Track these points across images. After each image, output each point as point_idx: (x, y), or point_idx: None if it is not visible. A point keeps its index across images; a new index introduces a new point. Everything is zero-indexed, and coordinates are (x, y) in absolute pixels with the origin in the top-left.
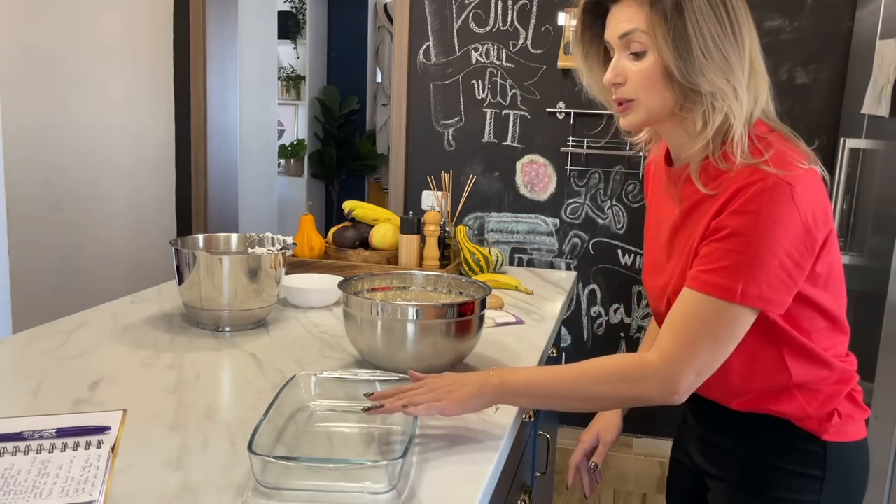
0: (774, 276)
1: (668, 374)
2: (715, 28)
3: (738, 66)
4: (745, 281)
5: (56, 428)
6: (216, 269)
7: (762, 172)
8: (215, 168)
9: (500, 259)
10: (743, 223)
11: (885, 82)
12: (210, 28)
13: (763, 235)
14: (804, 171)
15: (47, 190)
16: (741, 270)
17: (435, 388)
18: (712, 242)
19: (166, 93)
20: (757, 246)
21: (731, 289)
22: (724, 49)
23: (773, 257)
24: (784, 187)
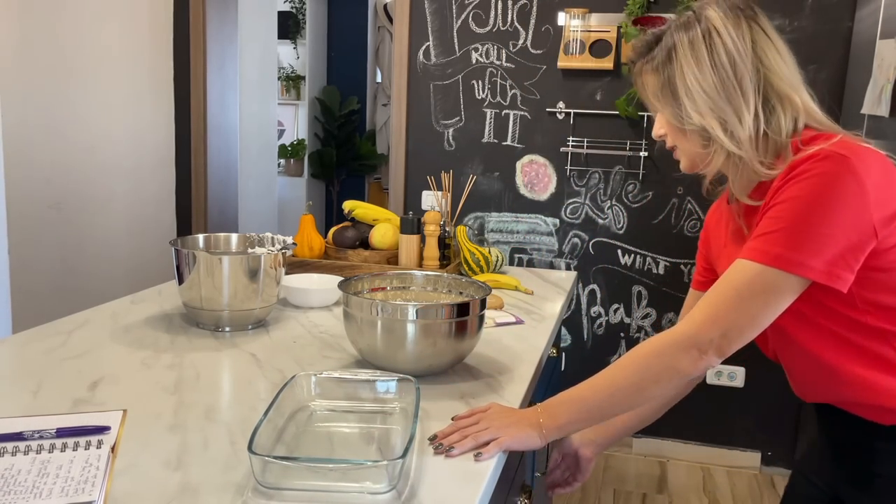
0: (823, 243)
1: (692, 334)
2: (694, 70)
3: (734, 96)
4: (784, 245)
5: (56, 428)
6: (216, 269)
7: (818, 150)
8: (215, 168)
9: (500, 259)
10: (793, 190)
11: (885, 82)
12: (210, 28)
13: (814, 201)
14: (864, 148)
15: (47, 190)
16: (784, 235)
17: (495, 426)
18: (767, 213)
19: (166, 93)
20: (806, 211)
21: (767, 252)
22: (708, 87)
23: (822, 225)
24: (839, 158)
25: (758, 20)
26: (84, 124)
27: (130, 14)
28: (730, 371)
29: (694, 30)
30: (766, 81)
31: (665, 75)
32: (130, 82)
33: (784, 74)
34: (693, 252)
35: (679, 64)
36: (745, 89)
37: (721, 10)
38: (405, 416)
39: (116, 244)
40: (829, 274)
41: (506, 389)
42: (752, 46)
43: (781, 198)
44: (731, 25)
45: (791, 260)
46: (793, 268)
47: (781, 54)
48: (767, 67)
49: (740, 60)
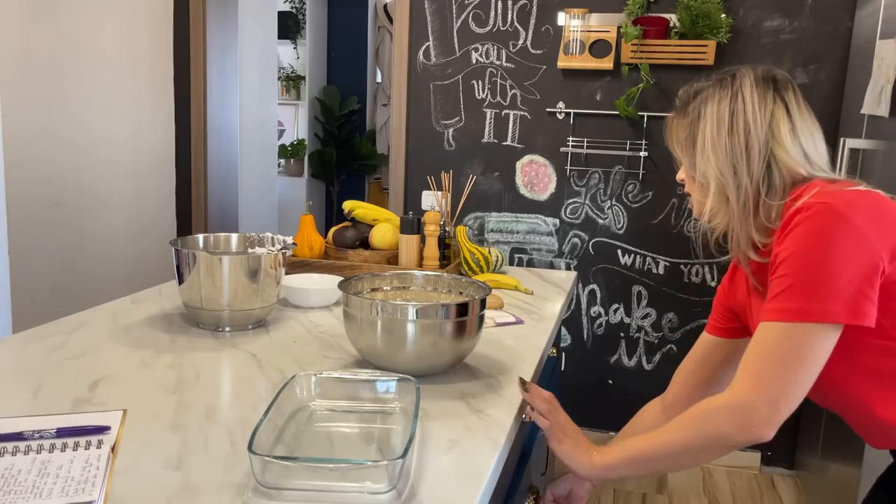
0: (835, 286)
1: (737, 407)
2: (714, 130)
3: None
4: (801, 299)
5: (56, 428)
6: (216, 269)
7: (804, 203)
8: (215, 168)
9: (500, 259)
10: (790, 247)
11: (885, 82)
12: (210, 28)
13: (810, 252)
14: (847, 192)
15: (48, 190)
16: (796, 289)
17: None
18: (773, 275)
19: (166, 93)
20: (807, 263)
21: (788, 309)
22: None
23: (827, 270)
24: (821, 206)
25: (784, 94)
26: (84, 124)
27: (130, 14)
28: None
29: (726, 97)
30: (772, 154)
31: (691, 128)
32: (130, 82)
33: (791, 148)
34: (692, 252)
35: (704, 125)
36: (751, 158)
37: (755, 79)
38: (405, 416)
39: (116, 244)
40: (853, 313)
41: (506, 389)
42: (770, 119)
43: (781, 258)
44: (758, 95)
45: (812, 311)
46: (815, 317)
47: (796, 129)
48: (777, 141)
49: (755, 130)
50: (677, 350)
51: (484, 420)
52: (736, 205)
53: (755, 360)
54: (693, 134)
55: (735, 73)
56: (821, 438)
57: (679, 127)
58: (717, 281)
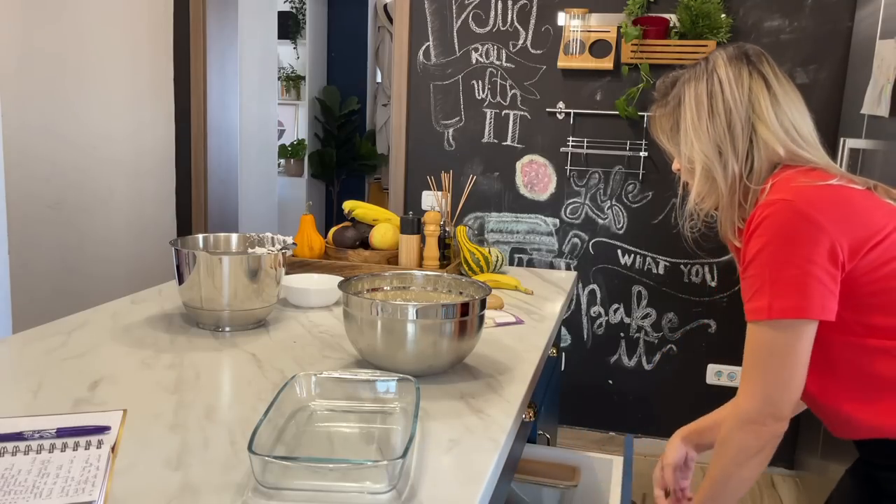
0: (801, 282)
1: (743, 419)
2: (695, 117)
3: (724, 143)
4: (771, 296)
5: (56, 428)
6: (216, 269)
7: (764, 202)
8: (215, 168)
9: (500, 259)
10: (754, 247)
11: (885, 82)
12: (210, 28)
13: (775, 251)
14: (806, 187)
15: (47, 189)
16: (765, 288)
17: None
18: (743, 276)
19: (166, 93)
20: (772, 261)
21: (759, 309)
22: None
23: (792, 266)
24: (781, 204)
25: (760, 67)
26: (84, 124)
27: (130, 14)
28: (730, 371)
29: (701, 79)
30: (754, 129)
31: (674, 118)
32: (130, 82)
33: (772, 123)
34: (692, 252)
35: (684, 110)
36: (735, 137)
37: (728, 57)
38: (405, 416)
39: (116, 244)
40: (822, 309)
41: (506, 389)
42: (749, 94)
43: (749, 257)
44: (733, 74)
45: (784, 308)
46: (787, 313)
47: (779, 102)
48: (757, 115)
49: (734, 109)
50: (677, 350)
51: (484, 420)
52: (724, 185)
53: (746, 368)
54: (676, 122)
55: (708, 56)
56: (821, 438)
57: (662, 118)
58: (717, 281)
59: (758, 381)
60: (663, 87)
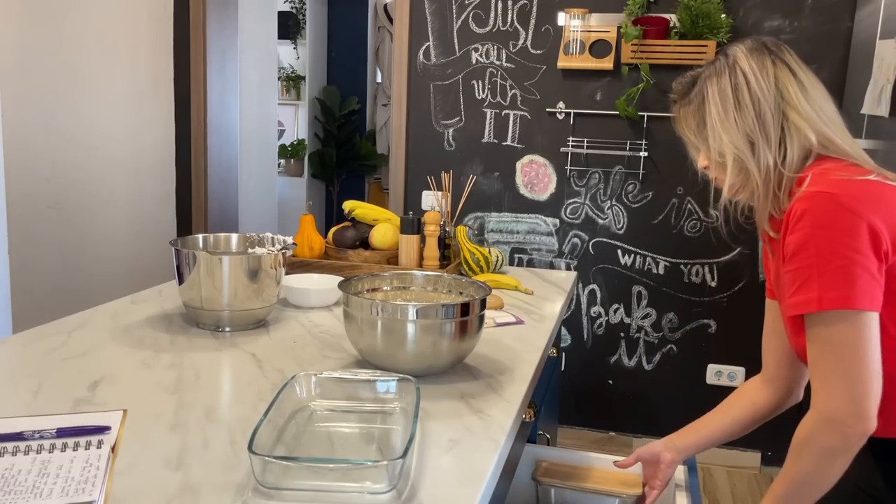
0: (849, 273)
1: (827, 421)
2: (721, 112)
3: (756, 134)
4: (820, 288)
5: (56, 428)
6: (216, 269)
7: (802, 194)
8: (215, 168)
9: (500, 259)
10: (798, 238)
11: (885, 82)
12: (210, 28)
13: (820, 242)
14: (847, 180)
15: (47, 189)
16: (812, 280)
17: None
18: (785, 268)
19: (166, 93)
20: (818, 253)
21: (810, 300)
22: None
23: (839, 258)
24: (823, 196)
25: (782, 56)
26: (84, 124)
27: (130, 14)
28: (730, 371)
29: (723, 73)
30: (784, 117)
31: (700, 116)
32: (130, 82)
33: (803, 109)
34: (692, 252)
35: (709, 106)
36: (766, 126)
37: (748, 50)
38: (405, 416)
39: (116, 244)
40: (871, 299)
41: (506, 389)
42: (776, 83)
43: (791, 249)
44: (756, 65)
45: (833, 298)
46: (837, 303)
47: (806, 88)
48: (787, 102)
49: (763, 98)
50: (677, 350)
51: (484, 420)
52: (758, 176)
53: (818, 367)
54: (702, 118)
55: (726, 51)
56: None
57: (687, 115)
58: (718, 281)
59: (836, 379)
60: (681, 86)
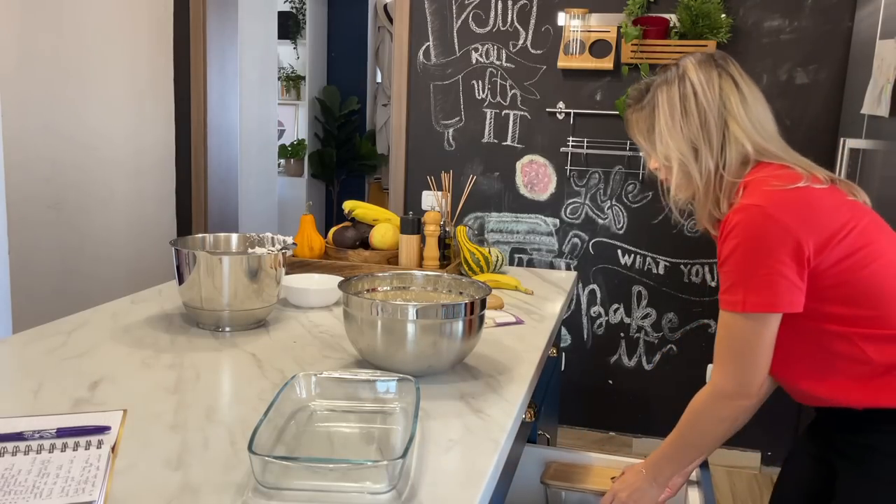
0: (771, 280)
1: (718, 395)
2: (668, 118)
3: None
4: (745, 292)
5: (56, 428)
6: (216, 269)
7: (738, 205)
8: (215, 168)
9: (500, 259)
10: (730, 248)
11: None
12: (210, 28)
13: (748, 252)
14: (778, 191)
15: (47, 190)
16: (739, 284)
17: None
18: (720, 270)
19: (166, 93)
20: (746, 261)
21: (735, 302)
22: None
23: (764, 266)
24: (755, 209)
25: (728, 69)
26: (84, 124)
27: (130, 14)
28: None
29: (674, 83)
30: (726, 126)
31: (650, 122)
32: (130, 82)
33: (742, 119)
34: (692, 252)
35: (658, 113)
36: (709, 133)
37: (697, 62)
38: (405, 416)
39: (116, 244)
40: (790, 303)
41: (506, 389)
42: (720, 93)
43: (724, 255)
44: (704, 77)
45: (755, 302)
46: (759, 307)
47: (747, 100)
48: (729, 112)
49: (707, 108)
50: (677, 350)
51: (484, 420)
52: (699, 180)
53: (720, 351)
54: (652, 124)
55: (678, 62)
56: None
57: (639, 120)
58: (717, 281)
59: (730, 364)
60: (637, 93)
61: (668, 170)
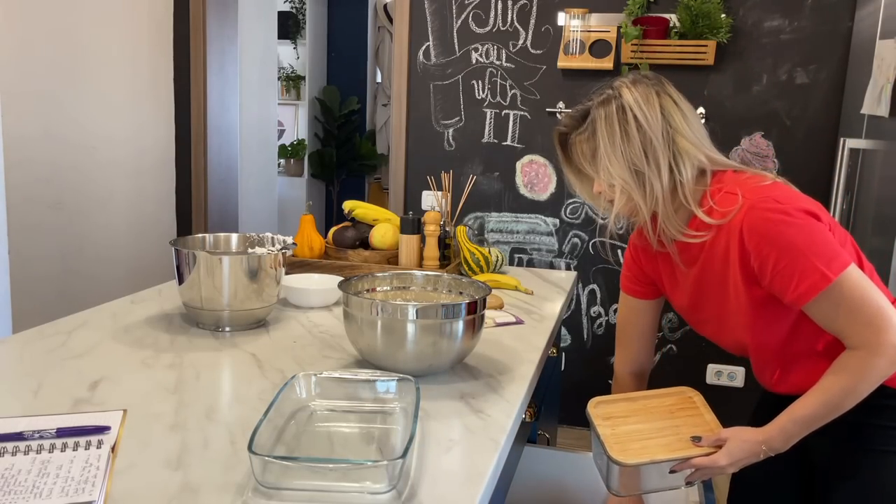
0: (826, 245)
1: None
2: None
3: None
4: (823, 266)
5: (56, 428)
6: (216, 269)
7: (743, 209)
8: (215, 168)
9: (500, 259)
10: (769, 247)
11: (885, 82)
12: (210, 28)
13: (796, 235)
14: (765, 186)
15: (48, 190)
16: (809, 265)
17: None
18: (771, 275)
19: (166, 93)
20: (796, 247)
21: (818, 280)
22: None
23: (811, 241)
24: (768, 201)
25: (664, 87)
26: (84, 124)
27: (130, 14)
28: (730, 371)
29: (610, 106)
30: (673, 142)
31: (592, 145)
32: (130, 82)
33: (688, 134)
34: None
35: (600, 135)
36: (655, 154)
37: (631, 83)
38: (405, 416)
39: (116, 244)
40: (850, 255)
41: (506, 389)
42: (661, 112)
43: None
44: (642, 98)
45: (835, 267)
46: (839, 269)
47: (686, 115)
48: (675, 129)
49: (648, 128)
50: (677, 350)
51: (484, 420)
52: (643, 203)
53: (843, 325)
54: (596, 150)
55: (613, 88)
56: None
57: (583, 147)
58: None
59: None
60: (574, 117)
61: (620, 192)
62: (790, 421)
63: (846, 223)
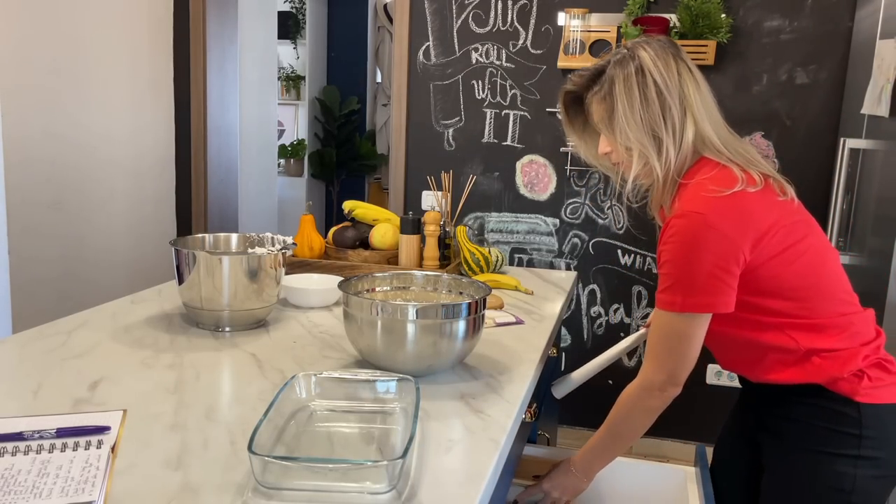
0: (708, 284)
1: (647, 386)
2: (626, 102)
3: (659, 125)
4: (683, 294)
5: (56, 428)
6: (216, 269)
7: (680, 210)
8: (215, 168)
9: (500, 259)
10: (670, 251)
11: (885, 82)
12: (210, 28)
13: (687, 257)
14: (716, 198)
15: (48, 190)
16: (678, 286)
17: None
18: (660, 270)
19: (166, 93)
20: (685, 264)
21: (672, 302)
22: (638, 117)
23: (701, 272)
24: (695, 216)
25: (682, 56)
26: (84, 124)
27: (130, 14)
28: (730, 371)
29: (628, 67)
30: (684, 112)
31: (608, 104)
32: (130, 82)
33: (697, 106)
34: None
35: (618, 97)
36: (668, 118)
37: (652, 49)
38: (405, 416)
39: (116, 244)
40: (724, 304)
41: (506, 389)
42: (679, 79)
43: (665, 258)
44: (662, 63)
45: (688, 304)
46: (695, 308)
47: (700, 86)
48: (686, 98)
49: (667, 93)
50: None
51: (484, 420)
52: (660, 169)
53: (653, 347)
54: (612, 111)
55: (629, 49)
56: None
57: (597, 107)
58: None
59: (664, 359)
60: (589, 74)
61: (626, 156)
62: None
63: (846, 223)
